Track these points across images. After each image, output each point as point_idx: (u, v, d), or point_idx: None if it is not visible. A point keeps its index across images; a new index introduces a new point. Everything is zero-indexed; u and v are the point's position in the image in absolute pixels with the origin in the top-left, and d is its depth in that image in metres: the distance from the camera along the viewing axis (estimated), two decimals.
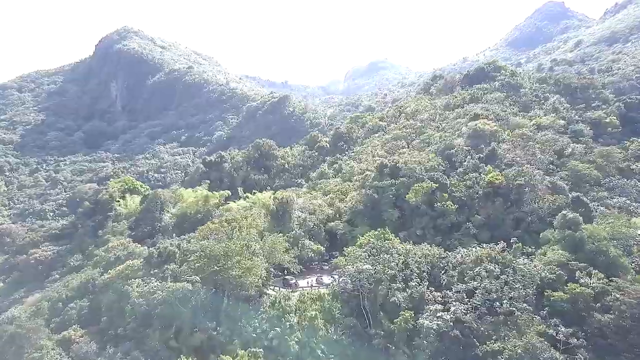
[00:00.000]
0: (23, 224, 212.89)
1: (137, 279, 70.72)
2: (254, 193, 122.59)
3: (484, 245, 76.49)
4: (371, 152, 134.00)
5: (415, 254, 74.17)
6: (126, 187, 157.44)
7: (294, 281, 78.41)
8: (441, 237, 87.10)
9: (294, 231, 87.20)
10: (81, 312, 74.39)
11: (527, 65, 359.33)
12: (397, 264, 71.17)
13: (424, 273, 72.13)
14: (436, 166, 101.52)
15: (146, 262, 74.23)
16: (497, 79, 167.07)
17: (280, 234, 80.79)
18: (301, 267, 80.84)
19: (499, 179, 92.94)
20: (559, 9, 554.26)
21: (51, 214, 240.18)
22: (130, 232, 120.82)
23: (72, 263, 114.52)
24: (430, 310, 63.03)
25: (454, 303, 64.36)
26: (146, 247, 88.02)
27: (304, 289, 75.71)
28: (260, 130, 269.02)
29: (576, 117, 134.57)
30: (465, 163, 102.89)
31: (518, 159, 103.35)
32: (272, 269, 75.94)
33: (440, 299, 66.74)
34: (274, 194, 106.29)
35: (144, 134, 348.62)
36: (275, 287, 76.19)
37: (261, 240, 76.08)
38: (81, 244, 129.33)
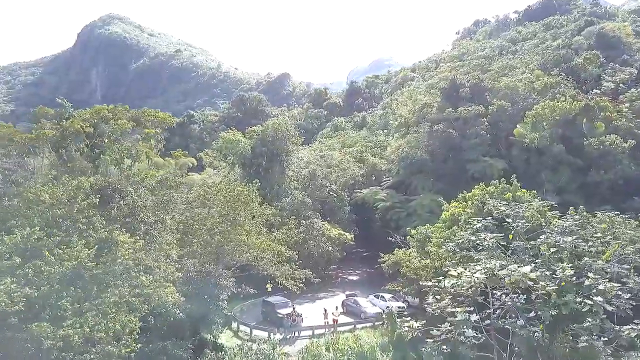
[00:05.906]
0: None
1: None
2: None
3: None
4: (410, 97, 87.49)
5: (624, 233, 27.04)
6: None
7: (288, 310, 31.72)
8: (610, 207, 40.15)
9: (292, 195, 40.44)
10: None
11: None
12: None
13: None
14: (555, 84, 54.55)
15: None
16: (572, 11, 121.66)
17: (258, 189, 33.18)
18: (308, 272, 32.93)
19: None
20: None
21: None
22: None
23: None
24: None
25: None
26: None
27: (315, 329, 29.17)
28: None
29: None
30: (607, 77, 56.10)
31: None
32: (233, 277, 28.44)
33: None
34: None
35: None
36: (241, 327, 29.56)
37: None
38: None
